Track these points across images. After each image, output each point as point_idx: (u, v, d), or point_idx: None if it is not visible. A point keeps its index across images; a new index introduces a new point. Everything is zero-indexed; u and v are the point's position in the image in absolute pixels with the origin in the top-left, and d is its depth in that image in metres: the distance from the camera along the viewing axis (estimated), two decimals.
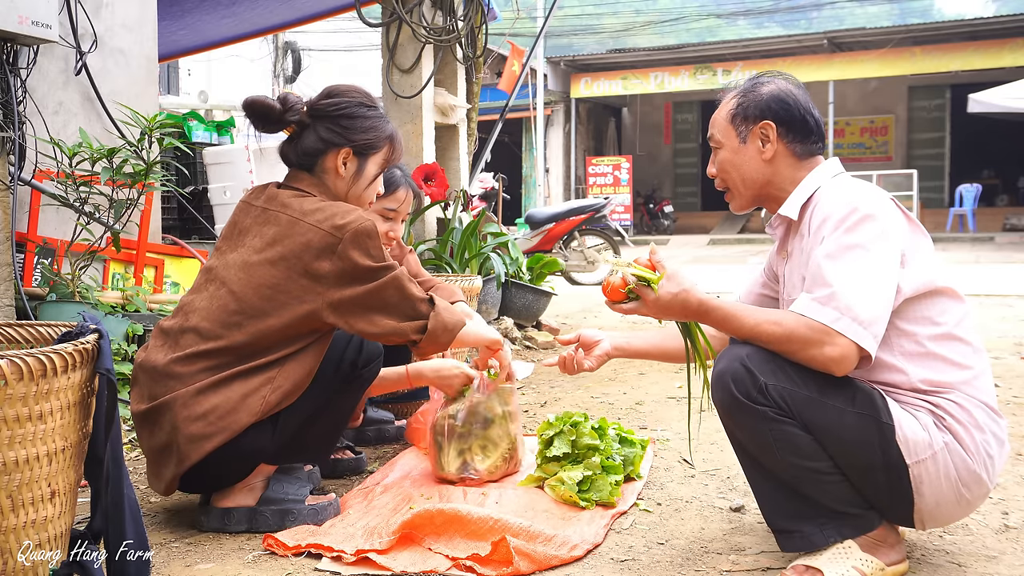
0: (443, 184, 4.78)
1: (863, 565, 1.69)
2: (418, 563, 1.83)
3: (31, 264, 3.45)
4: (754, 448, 1.76)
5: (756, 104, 1.86)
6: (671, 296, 1.72)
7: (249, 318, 1.97)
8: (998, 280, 8.58)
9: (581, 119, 20.10)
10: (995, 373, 3.81)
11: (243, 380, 1.96)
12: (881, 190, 1.80)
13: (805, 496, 1.72)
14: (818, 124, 1.87)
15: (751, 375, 1.68)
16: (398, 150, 2.21)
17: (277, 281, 1.97)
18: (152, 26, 4.02)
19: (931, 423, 1.68)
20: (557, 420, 2.31)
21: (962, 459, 1.67)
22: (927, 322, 1.73)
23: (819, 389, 1.68)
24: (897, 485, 1.68)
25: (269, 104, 2.08)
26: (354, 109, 2.12)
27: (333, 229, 1.96)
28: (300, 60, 17.99)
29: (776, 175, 1.87)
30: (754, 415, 1.69)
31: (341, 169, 2.12)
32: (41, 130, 3.38)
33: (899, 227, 1.73)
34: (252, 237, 2.05)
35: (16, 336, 1.72)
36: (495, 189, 8.64)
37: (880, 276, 1.66)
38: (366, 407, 2.91)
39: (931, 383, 1.71)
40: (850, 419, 1.67)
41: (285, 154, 2.16)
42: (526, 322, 5.12)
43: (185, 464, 1.93)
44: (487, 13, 5.56)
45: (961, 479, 1.68)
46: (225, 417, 1.92)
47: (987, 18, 16.08)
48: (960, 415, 1.69)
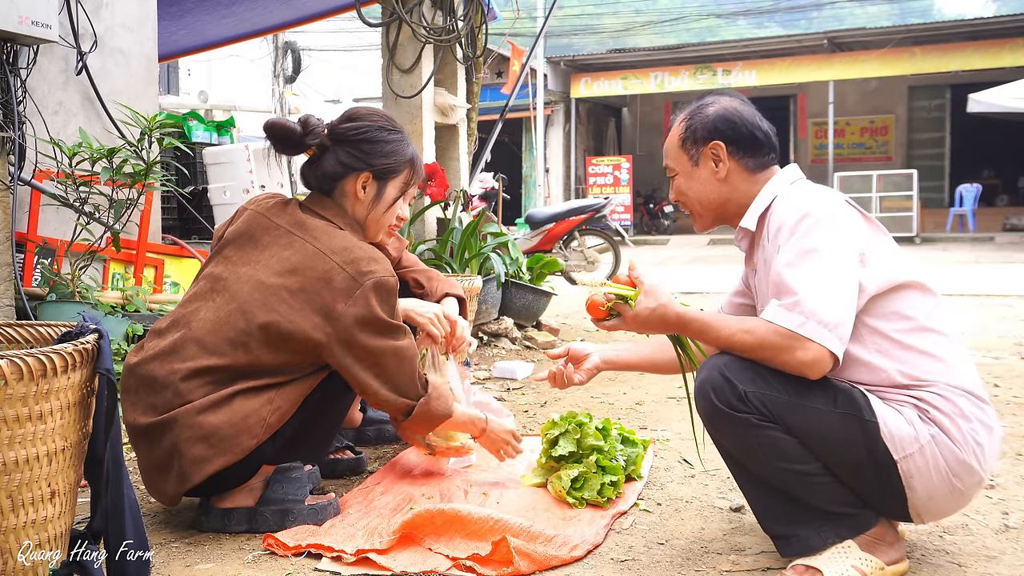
0: (443, 184, 4.78)
1: (863, 564, 1.69)
2: (418, 563, 1.83)
3: (31, 264, 3.45)
4: (740, 455, 1.76)
5: (703, 126, 1.88)
6: (649, 312, 1.76)
7: (258, 341, 1.97)
8: (998, 280, 8.58)
9: (581, 119, 20.10)
10: (995, 373, 3.82)
11: (244, 398, 1.96)
12: (836, 193, 1.81)
13: (796, 499, 1.72)
14: (767, 136, 1.89)
15: (730, 384, 1.69)
16: (419, 172, 2.23)
17: (291, 310, 1.97)
18: (152, 26, 4.03)
19: (915, 417, 1.68)
20: (562, 420, 2.31)
21: (950, 450, 1.67)
22: (897, 317, 1.73)
23: (798, 392, 1.68)
24: (887, 482, 1.69)
25: (290, 127, 2.09)
26: (374, 133, 2.14)
27: (357, 274, 1.97)
28: (300, 60, 18.00)
29: (733, 192, 1.89)
30: (736, 423, 1.70)
31: (360, 193, 2.13)
32: (41, 130, 3.38)
33: (855, 227, 1.74)
34: (269, 256, 2.04)
35: (16, 336, 1.72)
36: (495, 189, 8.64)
37: (840, 278, 1.67)
38: (366, 407, 2.91)
39: (910, 377, 1.71)
40: (833, 419, 1.68)
41: (305, 176, 2.17)
42: (526, 322, 5.11)
43: (187, 484, 1.93)
44: (487, 13, 5.56)
45: (951, 470, 1.67)
46: (227, 440, 1.92)
47: (987, 18, 16.08)
48: (944, 406, 1.68)
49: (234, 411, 1.93)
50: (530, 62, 7.34)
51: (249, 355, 1.97)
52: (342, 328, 1.97)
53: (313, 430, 2.13)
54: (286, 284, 1.98)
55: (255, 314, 1.97)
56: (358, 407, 2.85)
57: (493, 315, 4.88)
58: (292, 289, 1.98)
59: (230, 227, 2.17)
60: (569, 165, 19.59)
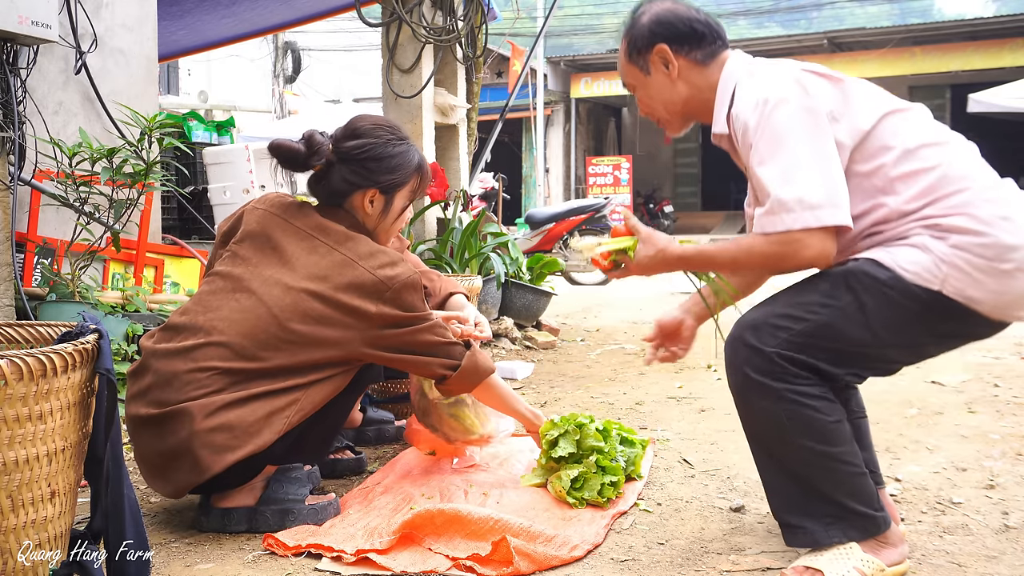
0: (443, 184, 4.79)
1: (864, 566, 1.69)
2: (418, 563, 1.83)
3: (31, 264, 3.45)
4: (767, 434, 1.74)
5: (641, 35, 1.91)
6: (649, 259, 1.79)
7: (290, 343, 1.99)
8: None
9: (581, 119, 20.10)
10: (995, 373, 3.82)
11: (269, 399, 1.97)
12: (790, 64, 1.80)
13: (815, 490, 1.71)
14: (708, 25, 1.89)
15: (755, 351, 1.68)
16: (425, 179, 2.28)
17: (323, 315, 2.00)
18: (152, 26, 4.03)
19: (928, 239, 1.64)
20: (563, 420, 2.30)
21: (978, 243, 1.61)
22: (883, 151, 1.71)
23: (820, 304, 1.67)
24: (952, 314, 1.64)
25: (295, 148, 2.11)
26: (379, 150, 2.16)
27: (386, 279, 2.03)
28: (300, 60, 18.01)
29: (691, 87, 1.89)
30: (768, 395, 1.68)
31: (368, 208, 2.17)
32: (41, 130, 3.38)
33: (818, 92, 1.72)
34: (291, 258, 2.06)
35: (16, 336, 1.72)
36: (495, 189, 8.65)
37: (815, 151, 1.65)
38: (366, 407, 2.91)
39: (914, 198, 1.68)
40: (868, 301, 1.64)
41: (313, 190, 2.20)
42: (526, 322, 5.11)
43: (205, 474, 1.91)
44: (487, 13, 5.56)
45: (992, 258, 1.61)
46: (249, 431, 1.93)
47: (987, 18, 16.07)
48: (951, 206, 1.64)
49: (258, 407, 1.95)
50: (530, 62, 7.34)
51: (283, 357, 1.99)
52: (375, 326, 2.03)
53: (318, 430, 2.13)
54: (316, 290, 2.01)
55: (286, 316, 1.99)
56: (358, 408, 2.85)
57: (493, 315, 4.88)
58: (323, 295, 2.01)
59: (241, 226, 2.16)
60: (569, 165, 19.59)
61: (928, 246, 1.64)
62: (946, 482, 2.34)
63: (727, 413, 3.16)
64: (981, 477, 2.38)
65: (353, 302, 2.01)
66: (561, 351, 4.79)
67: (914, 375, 3.70)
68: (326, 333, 2.01)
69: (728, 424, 2.98)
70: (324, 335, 2.01)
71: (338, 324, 2.01)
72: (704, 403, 3.35)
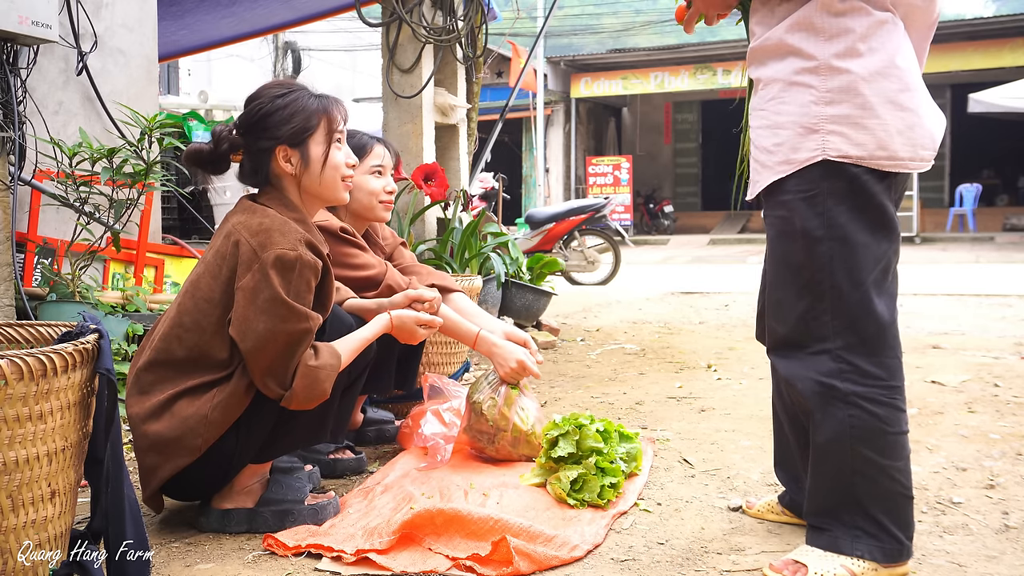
0: (443, 184, 4.78)
1: (852, 564, 1.68)
2: (418, 563, 1.83)
3: (31, 264, 3.45)
4: (830, 442, 1.71)
5: None
6: None
7: (187, 331, 1.96)
8: (998, 280, 8.58)
9: (581, 119, 20.10)
10: (995, 373, 3.82)
11: (186, 400, 1.94)
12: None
13: (857, 501, 1.68)
14: None
15: (807, 360, 1.71)
16: (335, 117, 2.09)
17: (214, 294, 1.96)
18: (152, 26, 4.03)
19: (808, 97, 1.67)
20: (563, 420, 2.30)
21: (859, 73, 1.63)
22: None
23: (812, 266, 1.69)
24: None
25: (199, 147, 2.07)
26: (268, 105, 2.03)
27: (259, 247, 1.91)
28: (300, 60, 18.01)
29: None
30: (834, 404, 1.68)
31: (288, 167, 2.05)
32: (41, 130, 3.38)
33: None
34: (209, 249, 2.05)
35: (16, 336, 1.73)
36: (495, 189, 8.64)
37: None
38: (366, 407, 2.91)
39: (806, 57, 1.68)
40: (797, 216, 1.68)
41: (243, 181, 2.12)
42: (526, 322, 5.12)
43: (147, 492, 1.98)
44: (487, 13, 5.56)
45: (879, 76, 1.63)
46: (172, 445, 1.92)
47: (987, 18, 16.06)
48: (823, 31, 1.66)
49: (174, 414, 1.93)
50: (530, 62, 7.34)
51: (184, 347, 1.95)
52: (239, 298, 1.92)
53: (294, 418, 2.04)
54: (211, 271, 1.98)
55: (186, 303, 1.98)
56: (359, 408, 2.85)
57: (493, 315, 4.88)
58: (215, 274, 1.96)
59: None
60: (569, 165, 19.59)
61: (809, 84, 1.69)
62: (946, 482, 2.34)
63: (727, 413, 3.16)
64: (981, 477, 2.38)
65: (231, 270, 1.94)
66: (561, 351, 4.79)
67: (914, 375, 3.70)
68: (219, 313, 1.94)
69: (728, 424, 2.99)
70: (218, 316, 1.94)
71: (216, 294, 1.94)
72: (704, 403, 3.35)
